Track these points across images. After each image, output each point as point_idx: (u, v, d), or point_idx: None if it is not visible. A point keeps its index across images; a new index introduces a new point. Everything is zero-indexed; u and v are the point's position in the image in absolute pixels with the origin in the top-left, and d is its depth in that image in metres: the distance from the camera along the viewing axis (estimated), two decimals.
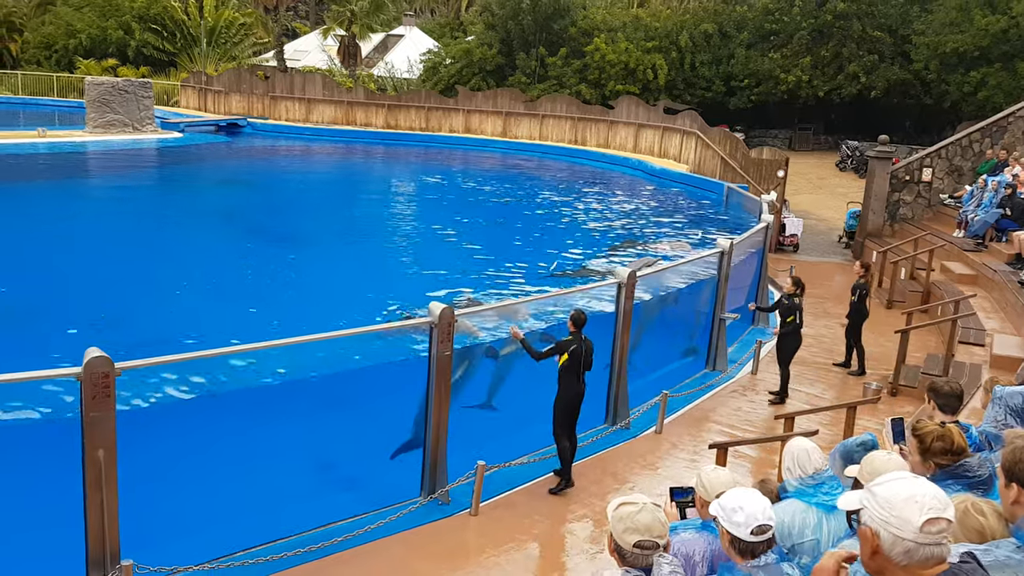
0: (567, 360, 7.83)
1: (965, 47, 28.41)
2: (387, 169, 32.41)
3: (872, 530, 2.20)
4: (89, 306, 12.77)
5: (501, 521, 7.39)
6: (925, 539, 2.13)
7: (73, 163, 28.30)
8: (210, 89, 39.27)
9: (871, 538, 2.20)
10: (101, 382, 5.36)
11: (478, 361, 8.87)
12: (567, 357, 7.82)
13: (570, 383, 7.87)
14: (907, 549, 2.13)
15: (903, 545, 2.14)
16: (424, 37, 45.85)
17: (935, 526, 2.13)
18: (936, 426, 3.61)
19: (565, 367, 7.86)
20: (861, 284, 12.08)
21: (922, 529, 2.13)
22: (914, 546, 2.13)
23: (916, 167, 20.13)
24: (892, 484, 2.25)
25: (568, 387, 7.88)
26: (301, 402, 7.39)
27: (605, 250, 18.27)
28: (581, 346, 7.87)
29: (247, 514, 6.73)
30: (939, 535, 2.13)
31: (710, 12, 36.40)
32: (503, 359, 8.85)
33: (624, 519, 3.03)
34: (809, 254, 19.90)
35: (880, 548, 2.18)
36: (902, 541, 2.14)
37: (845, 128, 34.47)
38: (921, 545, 2.13)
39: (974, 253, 15.93)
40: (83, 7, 47.50)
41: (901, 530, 2.14)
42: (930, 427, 3.61)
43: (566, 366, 7.85)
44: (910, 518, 2.14)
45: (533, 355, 7.96)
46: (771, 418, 9.42)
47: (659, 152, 31.21)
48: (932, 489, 2.22)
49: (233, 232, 19.24)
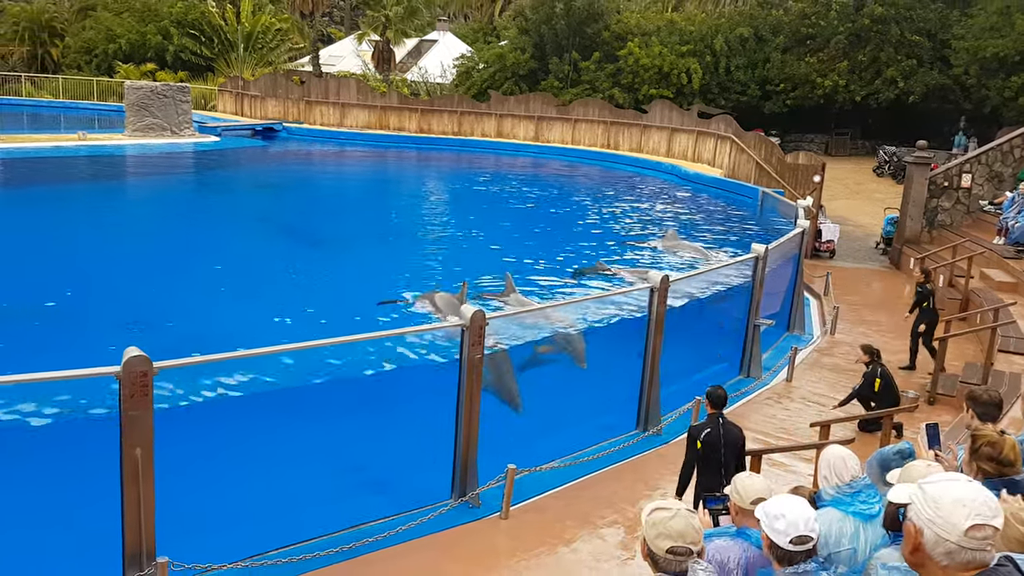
0: (701, 449, 6.67)
1: (1006, 52, 27.91)
2: (419, 173, 32.58)
3: (916, 527, 2.17)
4: (128, 306, 12.97)
5: (532, 525, 7.37)
6: (969, 543, 2.09)
7: (112, 166, 28.77)
8: (247, 94, 39.74)
9: (914, 535, 2.17)
10: (139, 381, 5.43)
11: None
12: (700, 445, 6.68)
13: (705, 477, 6.59)
14: (949, 551, 2.10)
15: (945, 546, 2.11)
16: (457, 42, 46.05)
17: (981, 532, 2.09)
18: (994, 433, 3.55)
19: (700, 457, 6.65)
20: (928, 290, 11.99)
21: (967, 533, 2.09)
22: (956, 548, 2.09)
23: (955, 173, 19.82)
24: (944, 484, 2.21)
25: (702, 481, 6.65)
26: (334, 403, 7.45)
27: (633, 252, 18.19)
28: (719, 430, 6.74)
29: (279, 513, 6.79)
30: (983, 541, 2.09)
31: (745, 16, 36.14)
32: (537, 362, 8.86)
33: (657, 524, 3.01)
34: (846, 260, 19.66)
35: (922, 546, 2.14)
36: (945, 542, 2.11)
37: (882, 133, 34.04)
38: (964, 548, 2.09)
39: (1015, 260, 15.65)
40: (123, 12, 48.35)
41: (945, 531, 2.11)
42: (987, 431, 3.55)
43: (701, 456, 6.65)
44: (956, 521, 2.10)
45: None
46: (806, 425, 9.30)
47: (693, 156, 31.03)
48: (984, 495, 2.18)
49: (269, 234, 19.45)
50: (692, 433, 6.80)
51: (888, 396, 9.66)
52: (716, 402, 6.89)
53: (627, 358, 9.74)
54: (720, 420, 6.78)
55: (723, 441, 6.61)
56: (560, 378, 8.98)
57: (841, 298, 15.33)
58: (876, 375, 9.78)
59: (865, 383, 9.84)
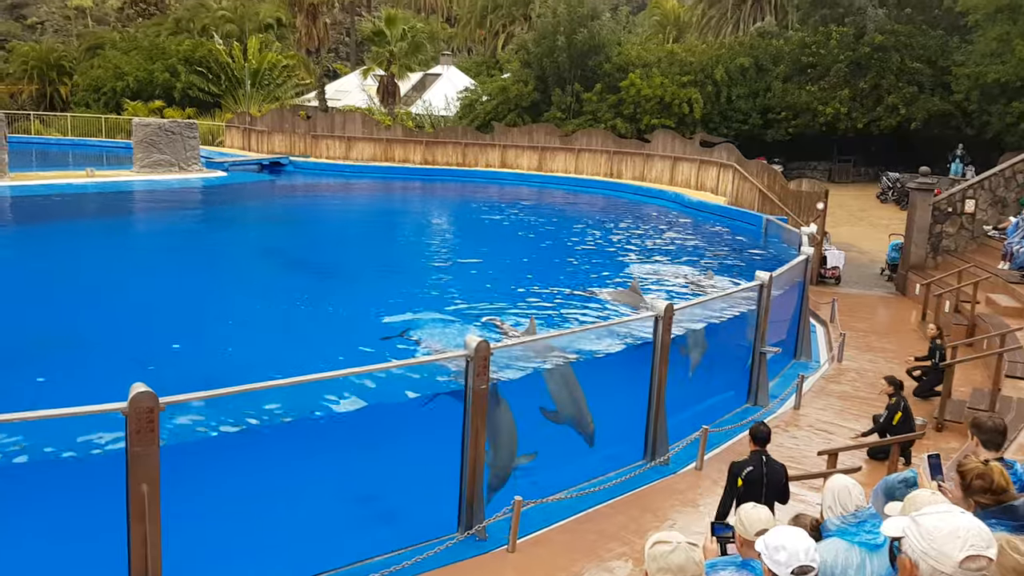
0: (742, 487, 6.60)
1: (1007, 77, 28.06)
2: (425, 204, 32.76)
3: (911, 560, 2.17)
4: (135, 342, 13.02)
5: (539, 558, 7.33)
6: (963, 575, 2.09)
7: (121, 202, 28.99)
8: (254, 129, 40.13)
9: (910, 568, 2.18)
10: (145, 417, 5.46)
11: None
12: (741, 482, 6.62)
13: None
14: None
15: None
16: (461, 75, 46.52)
17: (975, 563, 2.10)
18: (979, 464, 3.54)
19: (741, 495, 6.52)
20: (938, 346, 11.96)
21: (961, 565, 2.10)
22: None
23: (959, 198, 19.86)
24: (936, 516, 2.22)
25: None
26: (338, 437, 7.45)
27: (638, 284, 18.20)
28: (762, 468, 6.64)
29: (287, 548, 6.77)
30: (978, 572, 2.10)
31: (745, 46, 36.45)
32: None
33: (657, 559, 3.01)
34: (851, 287, 19.65)
35: None
36: (940, 574, 2.11)
37: (885, 160, 34.15)
38: None
39: (1020, 285, 15.62)
40: (131, 51, 49.03)
41: (940, 563, 2.12)
42: (972, 465, 3.55)
43: (742, 494, 6.51)
44: (950, 552, 2.11)
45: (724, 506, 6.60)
46: (814, 454, 9.27)
47: (696, 185, 31.15)
48: (977, 525, 2.19)
49: (276, 267, 19.55)
50: (733, 470, 6.66)
51: (905, 428, 9.63)
52: (760, 439, 6.77)
53: (633, 387, 9.73)
54: (763, 458, 6.67)
55: (766, 480, 6.51)
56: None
57: (847, 325, 15.32)
58: (899, 408, 9.74)
59: (889, 415, 9.79)
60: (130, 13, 61.42)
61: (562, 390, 8.86)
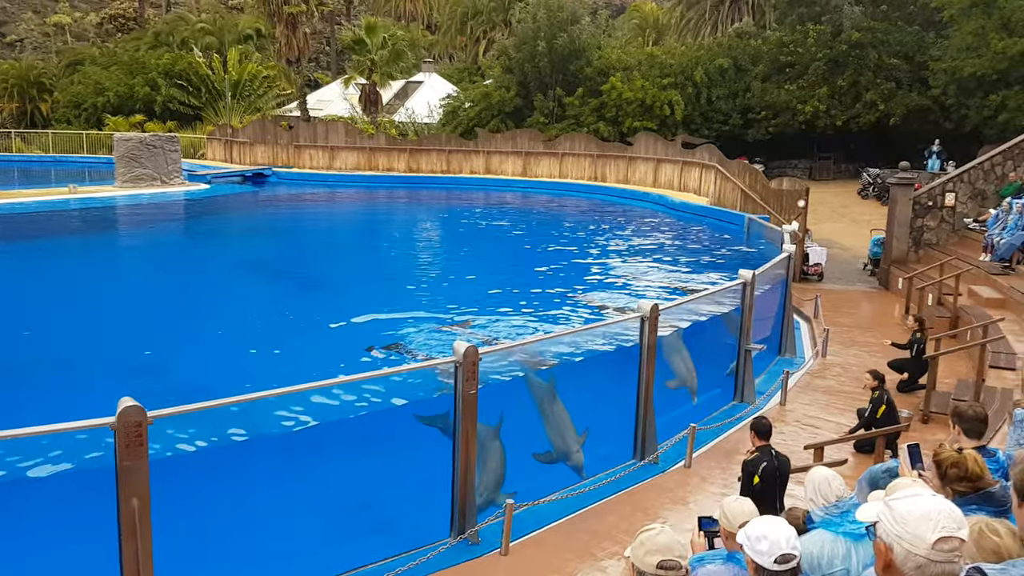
0: (759, 483, 6.51)
1: (983, 71, 28.35)
2: (410, 212, 32.80)
3: (886, 544, 2.23)
4: (122, 356, 12.99)
5: (532, 560, 7.37)
6: (937, 556, 2.15)
7: (103, 217, 28.90)
8: (235, 141, 40.06)
9: (885, 552, 2.23)
10: (134, 431, 5.47)
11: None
12: (758, 479, 6.53)
13: (762, 510, 6.44)
14: (919, 564, 2.16)
15: (915, 560, 2.17)
16: (443, 82, 46.59)
17: (947, 544, 2.15)
18: (952, 452, 3.61)
19: (758, 491, 6.38)
20: (918, 339, 12.04)
21: (934, 546, 2.15)
22: (926, 562, 2.15)
23: (939, 192, 20.04)
24: (909, 500, 2.28)
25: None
26: (328, 445, 7.47)
27: (623, 285, 18.30)
28: (774, 461, 6.62)
29: (280, 558, 6.77)
30: (951, 553, 2.15)
31: (724, 47, 36.70)
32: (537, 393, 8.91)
33: (644, 543, 3.06)
34: (834, 283, 19.79)
35: (893, 562, 2.21)
36: (914, 556, 2.17)
37: (865, 156, 34.41)
38: (933, 561, 2.15)
39: (1001, 276, 15.79)
40: (110, 66, 48.88)
41: (914, 546, 2.17)
42: (946, 453, 3.62)
43: (759, 490, 6.39)
44: (923, 535, 2.17)
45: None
46: (801, 448, 9.34)
47: (679, 186, 31.33)
48: (948, 507, 2.25)
49: (260, 279, 19.52)
50: (749, 469, 6.66)
51: (890, 420, 9.72)
52: (764, 433, 6.79)
53: (621, 388, 9.80)
54: (772, 451, 6.71)
55: (778, 473, 6.55)
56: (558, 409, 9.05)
57: (831, 320, 15.43)
58: (883, 401, 9.82)
59: (873, 409, 9.88)
60: (109, 28, 61.27)
61: (554, 432, 8.89)
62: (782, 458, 6.81)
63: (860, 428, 9.96)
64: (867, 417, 9.93)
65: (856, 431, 9.97)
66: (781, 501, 6.44)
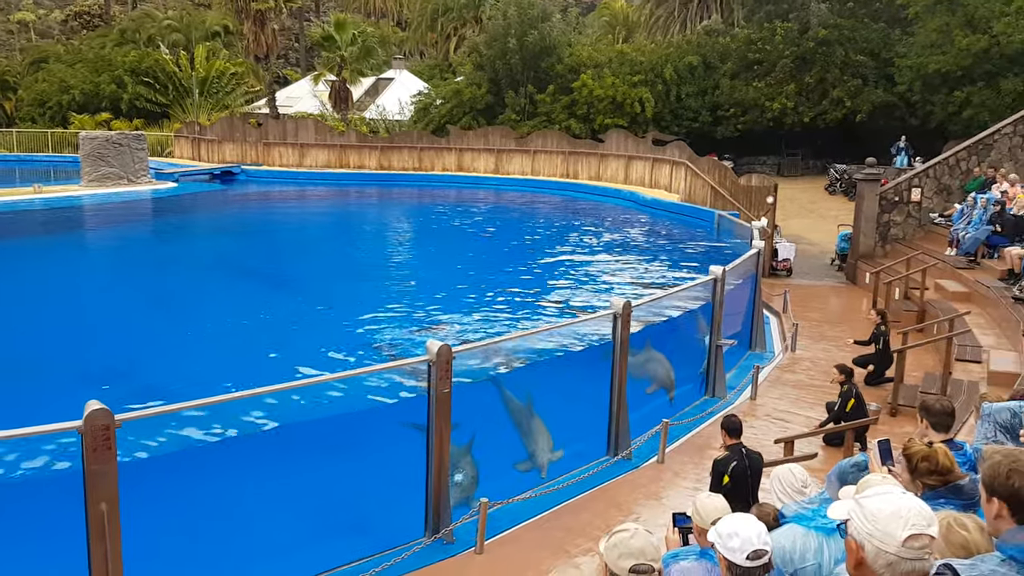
0: (729, 483, 6.46)
1: (948, 67, 28.75)
2: (381, 210, 32.65)
3: (857, 542, 2.25)
4: (89, 359, 12.81)
5: (507, 558, 7.37)
6: (907, 553, 2.17)
7: (69, 218, 28.46)
8: (203, 138, 39.62)
9: (856, 550, 2.26)
10: (101, 434, 5.39)
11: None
12: (728, 479, 6.50)
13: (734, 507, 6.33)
14: (890, 562, 2.18)
15: (886, 558, 2.19)
16: (414, 79, 46.41)
17: (918, 542, 2.18)
18: (923, 446, 3.66)
19: (729, 490, 6.25)
20: (882, 331, 12.17)
21: (904, 544, 2.17)
22: (896, 560, 2.18)
23: (905, 187, 20.31)
24: (879, 498, 2.30)
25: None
26: (302, 446, 7.41)
27: (595, 283, 18.37)
28: (744, 461, 6.61)
29: (252, 562, 6.72)
30: (921, 550, 2.18)
31: (693, 45, 36.90)
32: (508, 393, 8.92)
33: (618, 545, 3.07)
34: (802, 278, 20.00)
35: (864, 560, 2.23)
36: (885, 554, 2.19)
37: (833, 152, 34.76)
38: (903, 559, 2.17)
39: (967, 270, 16.03)
40: (76, 63, 48.13)
41: (884, 543, 2.19)
42: (916, 447, 3.66)
43: (729, 489, 6.29)
44: (894, 532, 2.19)
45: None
46: (771, 442, 9.43)
47: (650, 183, 31.47)
48: (918, 505, 2.27)
49: (231, 278, 19.34)
50: (719, 468, 6.65)
51: (858, 414, 9.83)
52: (735, 431, 6.80)
53: (595, 384, 9.83)
54: (743, 450, 6.71)
55: (749, 472, 6.55)
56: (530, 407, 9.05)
57: (800, 315, 15.60)
58: (851, 395, 9.94)
59: (842, 403, 10.00)
60: (74, 25, 60.33)
61: (531, 442, 8.91)
62: (753, 455, 6.83)
63: (829, 422, 10.07)
64: (836, 411, 10.05)
65: (825, 425, 10.09)
66: (755, 498, 6.42)
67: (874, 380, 11.99)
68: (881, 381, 11.92)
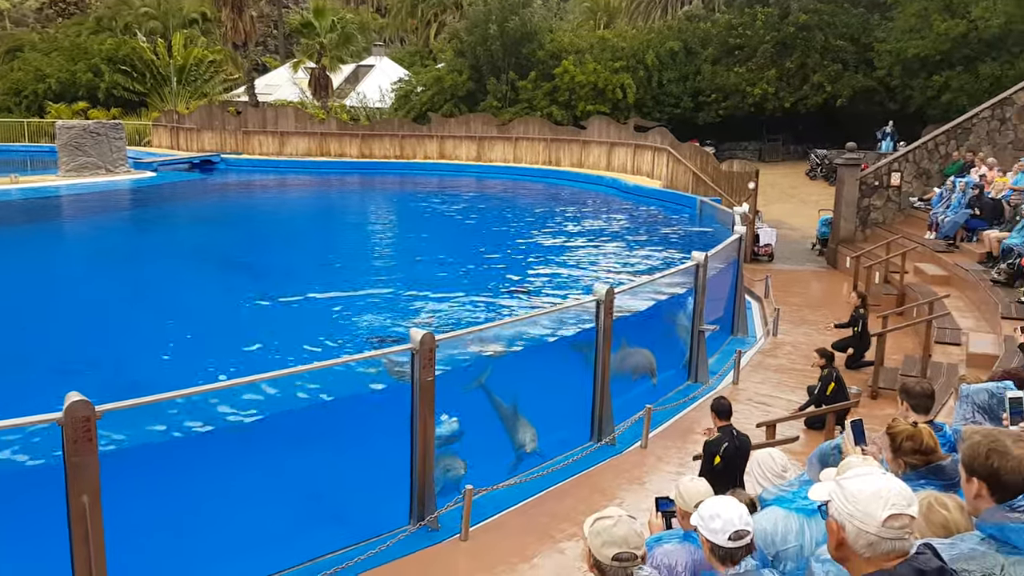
0: (720, 464, 6.57)
1: (927, 52, 28.93)
2: (363, 198, 32.50)
3: (838, 523, 2.27)
4: (68, 350, 12.70)
5: (492, 545, 7.39)
6: (888, 533, 2.19)
7: (47, 208, 28.15)
8: (182, 127, 39.26)
9: (837, 530, 2.28)
10: (82, 426, 5.35)
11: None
12: (719, 459, 6.59)
13: (722, 489, 6.26)
14: (870, 542, 2.20)
15: (866, 538, 2.21)
16: (394, 66, 46.13)
17: (898, 521, 2.20)
18: (908, 426, 3.69)
19: (719, 471, 6.43)
20: (861, 314, 12.24)
21: (885, 524, 2.19)
22: (877, 539, 2.20)
23: (885, 172, 20.43)
24: (859, 479, 2.32)
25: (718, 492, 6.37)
26: (286, 435, 7.38)
27: (578, 269, 18.39)
28: (734, 442, 6.69)
29: (235, 553, 6.70)
30: (901, 530, 2.20)
31: (674, 30, 36.89)
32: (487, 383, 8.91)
33: (601, 533, 3.08)
34: (784, 263, 20.12)
35: (845, 540, 2.25)
36: (865, 534, 2.21)
37: (813, 137, 34.94)
38: (884, 539, 2.19)
39: (946, 254, 16.16)
40: (51, 52, 47.47)
41: (865, 524, 2.21)
42: (902, 426, 3.69)
43: (720, 471, 6.48)
44: (874, 513, 2.21)
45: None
46: (753, 426, 9.49)
47: (632, 169, 31.50)
48: (898, 485, 2.29)
49: (210, 269, 19.20)
50: (711, 449, 6.71)
51: (839, 398, 9.91)
52: (725, 413, 6.85)
53: (578, 371, 9.86)
54: (733, 431, 6.78)
55: (739, 453, 6.61)
56: (514, 396, 9.06)
57: (782, 300, 15.69)
58: (832, 379, 10.01)
59: (822, 386, 10.07)
60: (49, 13, 59.40)
61: (516, 437, 8.95)
62: (743, 437, 6.91)
63: (810, 406, 10.15)
64: (817, 395, 10.13)
65: (806, 408, 10.16)
66: (741, 480, 6.46)
67: (854, 364, 12.08)
68: (861, 364, 12.02)
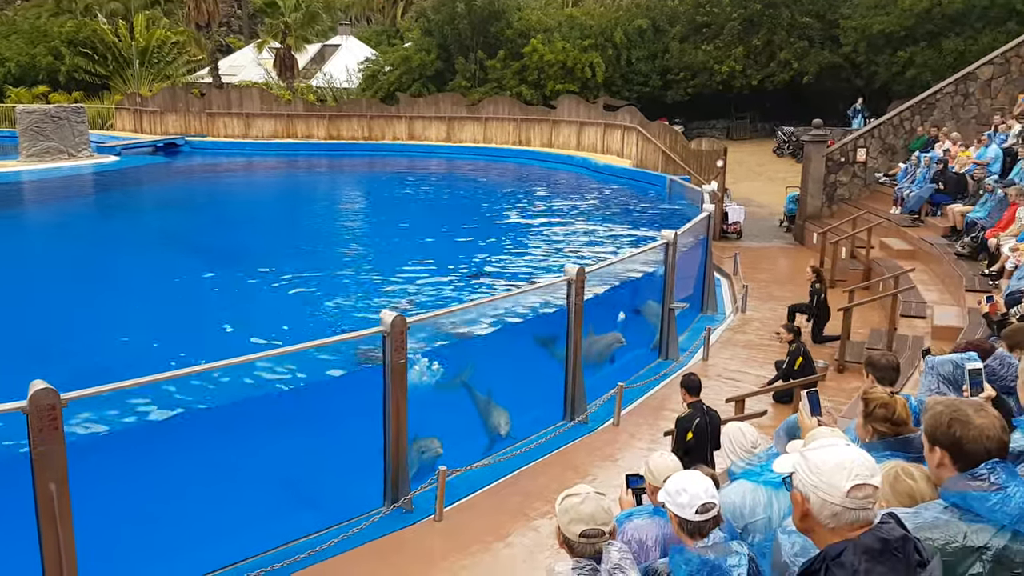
0: (692, 439, 6.65)
1: (891, 28, 29.16)
2: (331, 180, 32.22)
3: (802, 494, 2.31)
4: (31, 338, 12.50)
5: (466, 525, 7.43)
6: (851, 503, 2.23)
7: (7, 194, 27.61)
8: (145, 110, 38.62)
9: (801, 502, 2.31)
10: (48, 415, 5.28)
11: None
12: (691, 435, 6.67)
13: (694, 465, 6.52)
14: (834, 512, 2.24)
15: (831, 509, 2.24)
16: (361, 46, 45.59)
17: (861, 492, 2.23)
18: (884, 394, 3.74)
19: (691, 447, 6.56)
20: (817, 289, 12.39)
21: (848, 494, 2.23)
22: (841, 510, 2.23)
23: (850, 148, 20.62)
24: (823, 451, 2.35)
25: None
26: (257, 420, 7.35)
27: (550, 250, 18.42)
28: (705, 417, 6.80)
29: (208, 537, 6.67)
30: (865, 500, 2.23)
31: (642, 8, 36.82)
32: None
33: (569, 511, 3.10)
34: (752, 240, 20.28)
35: (810, 511, 2.28)
36: (830, 505, 2.24)
37: (780, 115, 35.10)
38: (848, 509, 2.23)
39: (911, 228, 16.38)
40: (10, 35, 46.46)
41: (829, 495, 2.25)
42: (877, 393, 3.74)
43: (692, 446, 6.59)
44: (838, 483, 2.24)
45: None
46: (723, 402, 9.60)
47: (602, 148, 31.51)
48: (861, 456, 2.33)
49: (175, 253, 18.97)
50: (683, 425, 6.79)
51: (806, 371, 10.05)
52: (695, 389, 6.95)
53: (550, 351, 9.90)
54: (704, 407, 6.89)
55: (710, 428, 6.70)
56: (487, 377, 9.08)
57: (750, 277, 15.83)
58: (800, 353, 10.14)
59: (790, 360, 10.19)
60: None
61: (490, 423, 8.99)
62: (713, 413, 7.01)
63: (778, 380, 10.28)
64: (785, 369, 10.27)
65: (774, 383, 10.29)
66: (712, 455, 6.56)
67: (820, 338, 12.24)
68: (827, 339, 12.18)
